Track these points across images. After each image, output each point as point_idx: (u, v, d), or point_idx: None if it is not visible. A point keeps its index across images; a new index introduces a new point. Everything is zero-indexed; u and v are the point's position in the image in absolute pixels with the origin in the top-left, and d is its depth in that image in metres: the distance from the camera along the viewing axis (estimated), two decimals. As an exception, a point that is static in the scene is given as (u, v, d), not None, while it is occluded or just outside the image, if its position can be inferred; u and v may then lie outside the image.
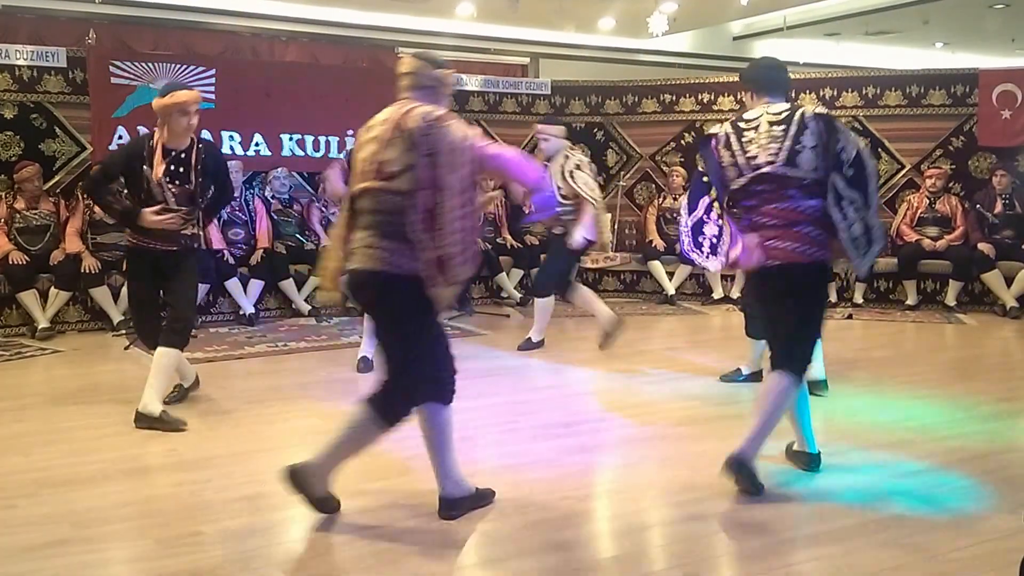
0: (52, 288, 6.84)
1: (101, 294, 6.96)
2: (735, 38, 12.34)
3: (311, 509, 3.26)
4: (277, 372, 5.78)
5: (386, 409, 3.22)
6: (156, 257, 4.64)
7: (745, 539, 3.19)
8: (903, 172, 8.73)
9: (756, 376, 5.24)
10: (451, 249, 3.05)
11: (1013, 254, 7.82)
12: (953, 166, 8.51)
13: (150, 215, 4.50)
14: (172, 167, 4.55)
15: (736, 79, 9.72)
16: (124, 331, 6.81)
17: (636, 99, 9.53)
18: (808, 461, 3.84)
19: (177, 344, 4.60)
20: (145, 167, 4.53)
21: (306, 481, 3.22)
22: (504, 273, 8.45)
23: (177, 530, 3.22)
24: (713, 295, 8.64)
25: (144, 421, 4.42)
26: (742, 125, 3.77)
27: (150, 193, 4.55)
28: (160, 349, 4.56)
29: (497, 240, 8.59)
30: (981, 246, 7.83)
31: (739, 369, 5.44)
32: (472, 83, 9.20)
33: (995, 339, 7.11)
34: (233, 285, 7.34)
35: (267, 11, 9.53)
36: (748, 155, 3.68)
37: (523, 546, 3.10)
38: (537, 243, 8.66)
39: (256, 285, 7.48)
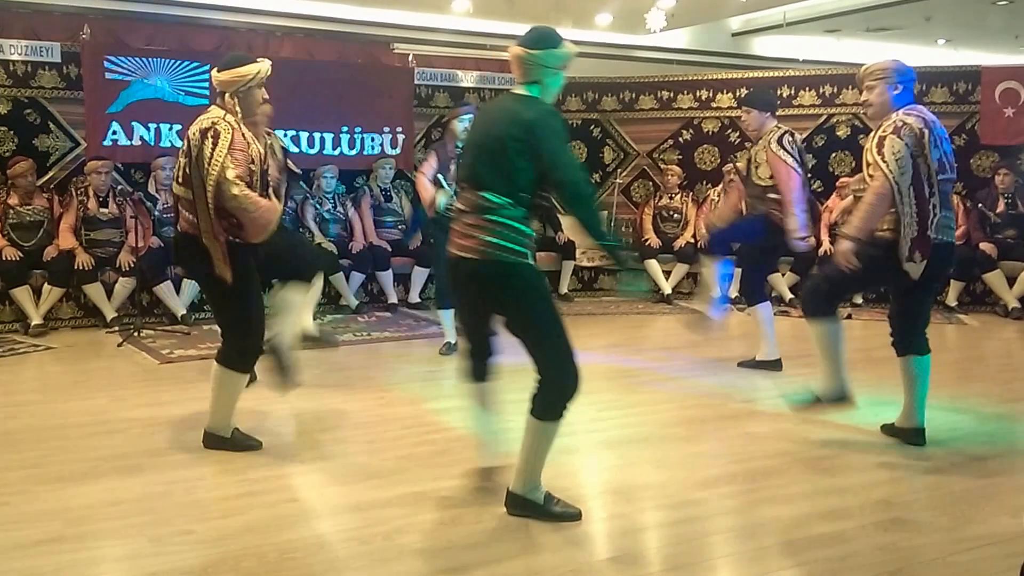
0: (45, 284, 6.78)
1: (94, 291, 6.91)
2: (734, 34, 12.29)
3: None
4: (268, 369, 5.71)
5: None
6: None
7: (742, 541, 3.16)
8: (903, 170, 8.68)
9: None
10: None
11: (1015, 254, 7.77)
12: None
13: None
14: None
15: (734, 75, 9.74)
16: (117, 328, 6.78)
17: (633, 96, 9.48)
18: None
19: None
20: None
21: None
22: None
23: (169, 528, 3.19)
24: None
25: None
26: None
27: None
28: None
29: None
30: (983, 246, 7.78)
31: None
32: (468, 79, 9.14)
33: (996, 340, 7.08)
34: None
35: (262, 6, 9.46)
36: None
37: (518, 546, 3.08)
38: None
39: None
